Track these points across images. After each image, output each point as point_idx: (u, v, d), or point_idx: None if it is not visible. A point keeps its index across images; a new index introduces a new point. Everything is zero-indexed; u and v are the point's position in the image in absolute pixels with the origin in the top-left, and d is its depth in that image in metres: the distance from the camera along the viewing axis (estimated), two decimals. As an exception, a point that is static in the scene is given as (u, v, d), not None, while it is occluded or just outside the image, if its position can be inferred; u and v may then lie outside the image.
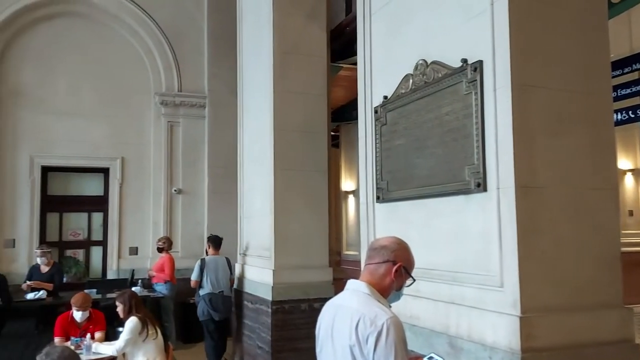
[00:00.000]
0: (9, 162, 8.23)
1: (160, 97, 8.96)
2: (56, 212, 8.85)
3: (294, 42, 5.59)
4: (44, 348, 2.60)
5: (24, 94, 8.37)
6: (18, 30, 8.36)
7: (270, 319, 5.26)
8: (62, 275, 7.02)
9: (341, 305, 2.02)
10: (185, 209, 9.00)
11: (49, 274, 6.77)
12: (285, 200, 5.41)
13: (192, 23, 9.12)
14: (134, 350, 4.54)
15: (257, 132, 5.97)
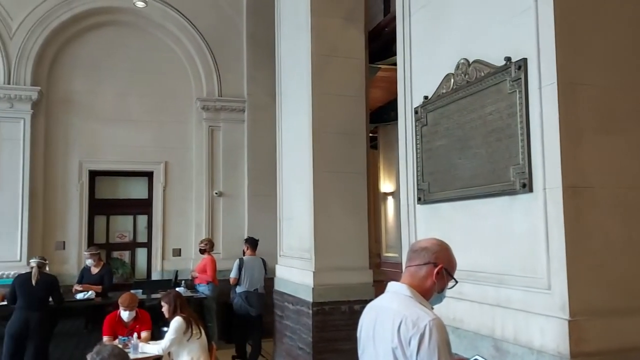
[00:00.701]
0: (60, 167, 8.56)
1: (202, 102, 9.14)
2: (103, 215, 9.15)
3: (332, 45, 5.60)
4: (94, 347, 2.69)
5: (74, 101, 8.70)
6: (68, 40, 8.69)
7: (310, 320, 5.28)
8: (111, 276, 7.20)
9: (382, 307, 2.02)
10: (226, 211, 9.14)
11: (98, 275, 6.98)
12: (324, 202, 5.42)
13: (231, 28, 9.27)
14: (178, 350, 4.64)
15: (296, 135, 6.01)
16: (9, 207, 7.99)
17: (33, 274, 5.65)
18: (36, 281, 5.61)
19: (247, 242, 7.37)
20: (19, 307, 5.56)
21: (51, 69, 8.59)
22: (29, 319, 5.51)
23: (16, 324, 5.50)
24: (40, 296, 5.66)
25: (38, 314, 5.57)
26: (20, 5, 8.25)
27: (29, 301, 5.56)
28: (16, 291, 5.61)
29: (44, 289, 5.70)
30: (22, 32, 8.24)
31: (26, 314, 5.52)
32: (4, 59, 8.12)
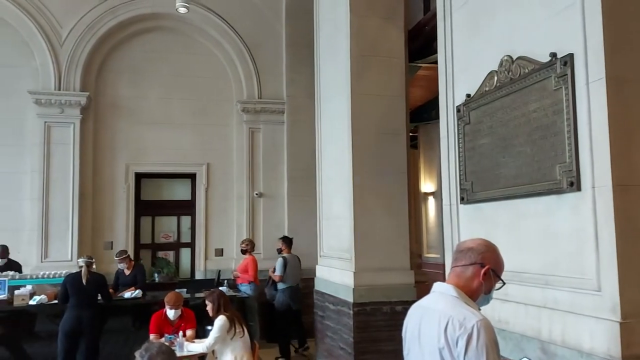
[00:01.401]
0: (107, 169, 8.86)
1: (242, 105, 9.28)
2: (149, 216, 9.41)
3: (371, 44, 5.59)
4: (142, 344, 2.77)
5: (120, 106, 8.99)
6: (114, 46, 8.99)
7: (351, 321, 5.28)
8: (144, 275, 7.34)
9: (428, 307, 2.01)
10: (266, 212, 9.25)
11: (131, 276, 7.15)
12: (364, 203, 5.42)
13: (271, 31, 9.38)
14: (222, 348, 4.73)
15: (335, 136, 6.03)
16: (61, 209, 8.32)
17: (83, 273, 5.85)
18: (86, 280, 5.82)
19: (284, 241, 7.82)
20: (71, 306, 5.78)
21: (99, 75, 8.90)
22: (81, 317, 5.72)
23: (69, 322, 5.71)
24: (90, 294, 5.87)
25: (89, 312, 5.78)
26: (69, 14, 8.58)
27: (80, 299, 5.77)
28: (67, 290, 5.83)
29: (93, 287, 5.91)
30: (71, 39, 8.57)
31: (78, 312, 5.73)
32: (55, 66, 8.47)
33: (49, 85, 8.45)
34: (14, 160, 8.39)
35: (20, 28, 8.39)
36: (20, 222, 8.29)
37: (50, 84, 8.45)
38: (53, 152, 8.38)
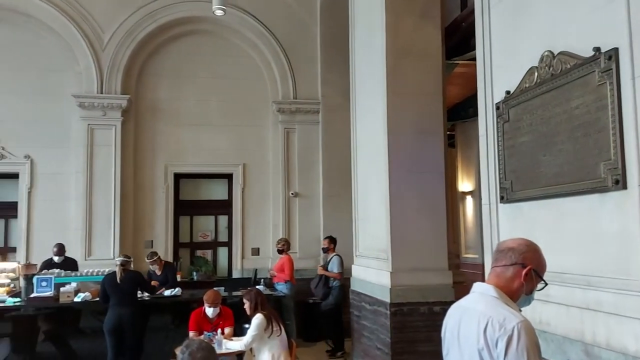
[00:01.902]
0: (147, 170, 9.08)
1: (277, 105, 9.35)
2: (187, 216, 9.60)
3: (407, 43, 5.54)
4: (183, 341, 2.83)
5: (159, 108, 9.20)
6: (153, 50, 9.21)
7: (388, 321, 5.25)
8: (174, 273, 7.52)
9: (467, 307, 1.98)
10: (302, 212, 9.30)
11: (163, 275, 7.30)
12: (400, 202, 5.38)
13: (305, 31, 9.42)
14: (260, 346, 4.78)
15: (371, 135, 6.01)
16: (103, 209, 8.58)
17: (117, 272, 6.00)
18: (121, 279, 5.95)
19: (332, 241, 7.83)
20: (112, 305, 5.95)
21: (139, 78, 9.14)
22: (121, 315, 5.87)
23: (111, 320, 5.88)
24: (128, 292, 6.00)
25: (129, 310, 5.92)
26: (110, 19, 8.84)
27: (119, 298, 5.92)
28: (106, 290, 6.00)
29: (130, 285, 6.04)
30: (112, 44, 8.82)
31: (118, 310, 5.88)
32: (97, 70, 8.74)
33: (92, 89, 8.72)
34: (60, 161, 8.70)
35: (65, 34, 8.70)
36: (66, 221, 8.59)
37: (93, 87, 8.73)
38: (96, 153, 8.65)
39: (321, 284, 7.65)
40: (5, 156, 8.58)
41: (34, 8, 8.56)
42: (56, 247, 7.43)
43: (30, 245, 8.52)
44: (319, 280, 7.70)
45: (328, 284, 7.59)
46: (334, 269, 7.56)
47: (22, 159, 8.61)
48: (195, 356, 2.18)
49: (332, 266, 7.58)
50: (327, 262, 7.76)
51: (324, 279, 7.62)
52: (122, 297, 5.92)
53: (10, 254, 8.81)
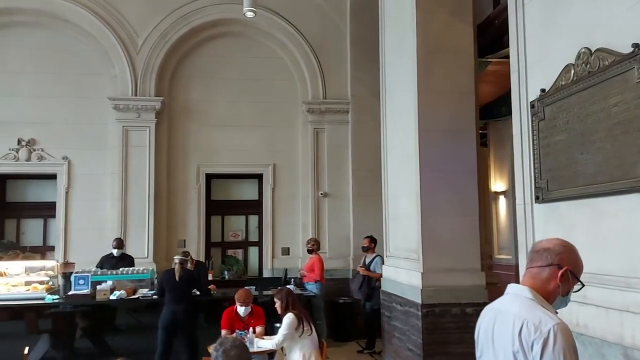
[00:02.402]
0: (180, 171, 9.23)
1: (307, 106, 9.38)
2: (218, 215, 9.71)
3: (438, 41, 5.49)
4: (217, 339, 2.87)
5: (192, 109, 9.34)
6: (186, 52, 9.36)
7: (420, 322, 5.21)
8: (206, 272, 7.64)
9: (501, 309, 1.96)
10: (331, 212, 9.30)
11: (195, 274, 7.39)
12: (432, 202, 5.33)
13: (335, 31, 9.43)
14: (291, 345, 4.80)
15: (401, 134, 5.97)
16: (138, 208, 8.76)
17: (176, 270, 6.15)
18: (179, 277, 6.11)
19: (372, 240, 7.70)
20: (167, 301, 6.10)
21: (172, 80, 9.30)
22: (176, 311, 6.01)
23: (165, 316, 6.03)
24: (183, 290, 6.15)
25: (183, 306, 6.05)
26: (144, 23, 9.03)
27: (174, 295, 6.08)
28: (163, 286, 6.17)
29: (186, 283, 6.20)
30: (146, 47, 9.00)
31: (173, 307, 6.03)
32: (132, 73, 8.93)
33: (127, 92, 8.92)
34: (97, 162, 8.92)
35: (101, 39, 8.92)
36: (102, 221, 8.79)
37: (127, 90, 8.92)
38: (130, 154, 8.84)
39: (365, 285, 7.50)
40: (45, 157, 8.85)
41: (72, 13, 8.80)
42: (115, 241, 7.70)
43: (67, 244, 8.76)
44: (362, 280, 7.57)
45: (371, 284, 7.43)
46: (377, 270, 7.37)
47: (60, 160, 8.87)
48: (229, 354, 2.21)
49: (376, 266, 7.43)
50: (369, 262, 7.62)
51: (367, 279, 7.48)
52: (177, 294, 6.07)
53: (49, 252, 9.07)
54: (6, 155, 8.74)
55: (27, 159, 8.79)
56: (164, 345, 6.00)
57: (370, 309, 7.47)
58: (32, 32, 8.93)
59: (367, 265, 7.59)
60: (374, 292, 7.31)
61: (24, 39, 8.91)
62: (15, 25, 8.88)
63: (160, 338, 6.01)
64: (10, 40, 8.88)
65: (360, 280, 7.58)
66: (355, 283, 7.69)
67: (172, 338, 6.02)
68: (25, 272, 7.13)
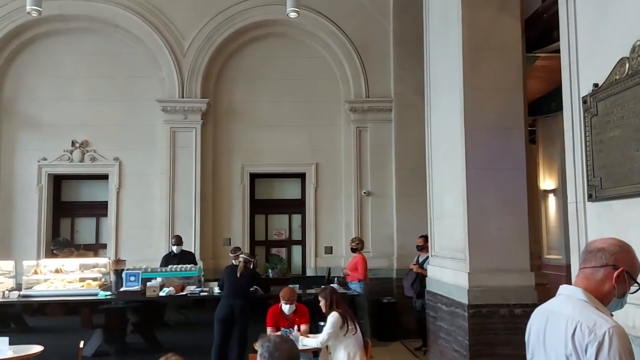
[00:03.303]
0: (225, 171, 9.41)
1: (350, 105, 9.37)
2: (262, 214, 9.84)
3: (485, 36, 5.38)
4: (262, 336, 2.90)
5: (236, 110, 9.50)
6: (230, 54, 9.52)
7: (466, 323, 5.13)
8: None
9: (553, 311, 1.91)
10: (374, 211, 9.26)
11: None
12: (478, 201, 5.23)
13: (378, 29, 9.39)
14: (335, 344, 4.81)
15: (447, 132, 5.89)
16: (185, 208, 8.99)
17: (239, 267, 6.37)
18: (241, 274, 6.32)
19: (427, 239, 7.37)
20: (225, 295, 6.33)
21: (217, 81, 9.48)
22: (233, 306, 6.22)
23: (222, 310, 6.24)
24: (243, 286, 6.36)
25: (241, 302, 6.25)
26: (190, 26, 9.24)
27: (233, 290, 6.29)
28: (224, 280, 6.41)
29: (247, 280, 6.41)
30: (192, 50, 9.22)
31: (231, 301, 6.24)
32: (178, 76, 9.16)
33: (174, 94, 9.16)
34: (146, 163, 9.21)
35: (149, 42, 9.19)
36: (151, 220, 9.07)
37: (174, 92, 9.16)
38: (178, 155, 9.07)
39: (417, 282, 7.45)
40: (97, 159, 9.19)
41: (122, 19, 9.11)
42: (174, 238, 8.02)
43: (119, 242, 9.08)
44: (415, 278, 7.52)
45: (423, 282, 7.33)
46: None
47: (111, 161, 9.20)
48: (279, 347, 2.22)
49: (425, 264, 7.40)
50: (422, 260, 7.52)
51: (420, 277, 7.39)
52: (237, 289, 6.29)
53: (101, 250, 9.42)
54: (61, 157, 9.13)
55: (80, 160, 9.16)
56: (221, 337, 6.19)
57: (420, 307, 7.38)
58: (85, 38, 9.30)
59: (421, 263, 7.52)
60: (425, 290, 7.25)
61: (78, 44, 9.29)
62: (70, 31, 9.27)
63: (216, 330, 6.21)
64: (65, 46, 9.27)
65: (413, 277, 7.53)
66: (408, 280, 7.67)
67: (229, 331, 6.21)
68: (79, 269, 7.40)
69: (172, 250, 7.97)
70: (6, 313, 6.81)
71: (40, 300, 6.83)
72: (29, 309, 6.84)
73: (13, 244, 8.89)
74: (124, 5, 9.07)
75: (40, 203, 9.06)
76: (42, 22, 8.90)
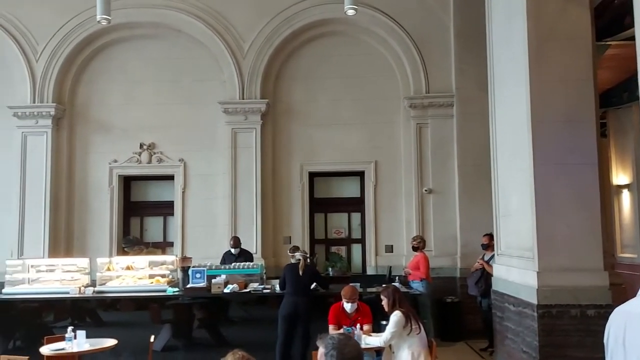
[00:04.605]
0: (284, 170, 9.53)
1: (409, 101, 9.26)
2: (322, 213, 9.89)
3: (551, 26, 5.18)
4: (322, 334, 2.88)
5: (294, 110, 9.60)
6: (288, 55, 9.63)
7: (536, 324, 4.95)
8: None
9: (632, 312, 1.82)
10: (436, 209, 9.11)
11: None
12: (547, 197, 5.05)
13: (438, 24, 9.23)
14: (399, 343, 4.75)
15: (512, 126, 5.70)
16: (246, 207, 9.18)
17: (300, 265, 6.46)
18: (303, 271, 6.41)
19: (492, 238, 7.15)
20: (288, 293, 6.42)
21: (276, 82, 9.62)
22: (297, 303, 6.31)
23: (287, 307, 6.34)
24: (305, 283, 6.46)
25: (304, 299, 6.35)
26: (250, 28, 9.42)
27: (296, 287, 6.38)
28: (286, 279, 6.48)
29: (309, 277, 6.51)
30: (252, 52, 9.40)
31: (295, 299, 6.33)
32: (239, 78, 9.37)
33: (235, 96, 9.37)
34: (209, 163, 9.48)
35: (211, 46, 9.45)
36: (215, 218, 9.34)
37: (235, 94, 9.37)
38: (239, 155, 9.28)
39: (482, 280, 7.28)
40: (164, 160, 9.56)
41: (185, 24, 9.42)
42: (232, 240, 8.29)
43: (184, 240, 9.40)
44: (480, 276, 7.36)
45: (489, 280, 7.02)
46: None
47: (177, 162, 9.53)
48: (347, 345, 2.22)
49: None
50: (488, 259, 7.34)
51: (486, 275, 7.21)
52: (300, 287, 6.37)
53: (168, 248, 9.78)
54: (130, 159, 9.55)
55: (148, 161, 9.56)
56: (285, 335, 6.28)
57: (487, 307, 7.18)
58: (151, 44, 9.68)
59: (487, 262, 7.33)
60: (490, 290, 7.02)
61: (144, 50, 9.68)
62: (136, 38, 9.68)
63: (280, 328, 6.30)
64: (132, 52, 9.69)
65: (479, 275, 7.35)
66: (473, 278, 7.50)
67: (293, 328, 6.28)
68: (148, 266, 7.71)
69: (230, 250, 8.19)
70: (82, 308, 7.21)
71: (113, 296, 7.17)
72: (103, 304, 7.20)
73: (88, 243, 9.39)
74: (187, 11, 9.37)
75: (111, 203, 9.52)
76: (111, 30, 9.33)
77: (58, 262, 7.78)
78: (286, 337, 6.29)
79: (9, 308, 7.18)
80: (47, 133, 9.31)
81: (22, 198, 9.18)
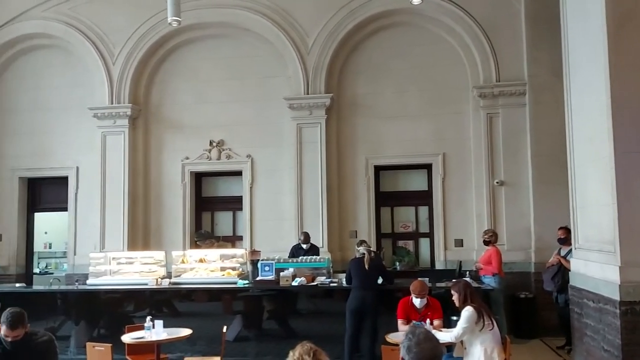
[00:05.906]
0: (349, 164, 9.51)
1: (478, 90, 8.97)
2: (388, 207, 9.79)
3: (631, 6, 4.86)
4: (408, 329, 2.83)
5: (358, 103, 9.55)
6: (352, 48, 9.56)
7: (618, 321, 4.69)
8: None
9: None
10: (508, 201, 8.78)
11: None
12: (629, 187, 4.77)
13: (508, 10, 8.87)
14: (471, 339, 4.63)
15: (590, 113, 5.40)
16: (312, 201, 9.24)
17: (365, 259, 6.45)
18: (368, 265, 6.41)
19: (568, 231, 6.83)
20: (355, 287, 6.44)
21: (340, 76, 9.58)
22: (365, 297, 6.32)
23: (354, 301, 6.36)
24: (371, 277, 6.46)
25: (371, 293, 6.35)
26: (314, 23, 9.45)
27: (363, 281, 6.39)
28: (352, 273, 6.51)
29: (375, 271, 6.51)
30: (316, 47, 9.42)
31: (362, 293, 6.34)
32: (303, 73, 9.43)
33: (299, 91, 9.44)
34: (276, 159, 9.63)
35: (276, 43, 9.57)
36: (282, 213, 9.48)
37: (300, 89, 9.45)
38: (304, 150, 9.35)
39: (559, 275, 6.98)
40: (232, 156, 9.81)
41: (252, 22, 9.59)
42: (302, 236, 8.47)
43: (253, 234, 9.60)
44: (557, 271, 7.05)
45: (565, 276, 6.71)
46: None
47: (244, 158, 9.75)
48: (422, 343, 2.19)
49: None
50: (565, 254, 7.03)
51: (562, 269, 6.90)
52: (366, 281, 6.39)
53: (237, 241, 10.04)
54: (201, 156, 9.88)
55: (217, 158, 9.84)
56: (353, 328, 6.30)
57: (563, 303, 6.84)
58: (220, 43, 9.93)
59: (564, 256, 6.99)
60: (567, 285, 6.68)
61: (213, 50, 9.95)
62: (206, 38, 9.97)
63: (349, 322, 6.32)
64: (202, 52, 9.99)
65: (555, 270, 7.03)
66: (549, 273, 7.17)
67: (361, 322, 6.29)
68: (220, 259, 7.96)
69: (299, 244, 8.31)
70: (159, 299, 7.54)
71: (187, 288, 7.48)
72: (178, 295, 7.50)
73: (163, 236, 9.82)
74: (253, 10, 9.53)
75: (184, 199, 9.89)
76: (181, 31, 9.66)
77: (137, 255, 8.21)
78: (354, 330, 6.30)
79: (94, 298, 7.65)
80: (124, 132, 9.80)
81: (103, 195, 9.72)
